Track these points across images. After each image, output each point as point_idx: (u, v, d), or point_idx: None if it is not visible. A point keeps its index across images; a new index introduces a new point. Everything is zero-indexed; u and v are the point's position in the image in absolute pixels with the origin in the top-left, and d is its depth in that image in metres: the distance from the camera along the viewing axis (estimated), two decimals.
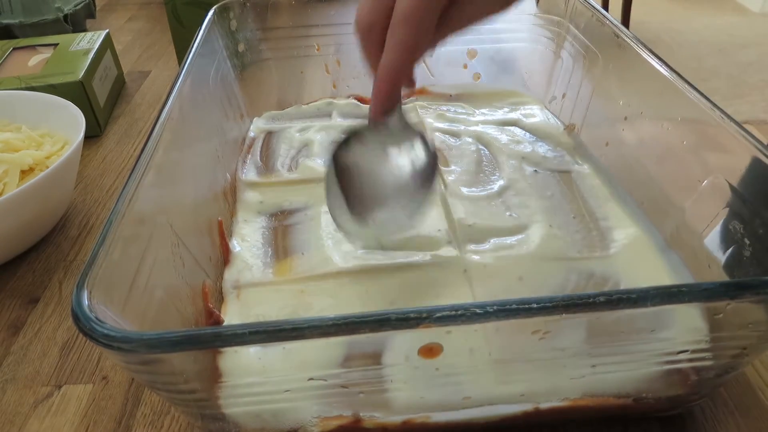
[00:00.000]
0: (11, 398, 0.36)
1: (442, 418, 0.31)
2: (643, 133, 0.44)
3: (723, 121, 0.35)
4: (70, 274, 0.46)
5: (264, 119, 0.58)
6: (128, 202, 0.30)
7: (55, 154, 0.49)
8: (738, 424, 0.33)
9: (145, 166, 0.33)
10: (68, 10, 0.82)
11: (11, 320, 0.42)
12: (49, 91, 0.55)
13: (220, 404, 0.28)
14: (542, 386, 0.30)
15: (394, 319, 0.23)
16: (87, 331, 0.23)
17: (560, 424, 0.33)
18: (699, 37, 2.21)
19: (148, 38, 0.87)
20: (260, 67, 0.59)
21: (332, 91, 0.61)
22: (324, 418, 0.30)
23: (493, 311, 0.23)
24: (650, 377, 0.30)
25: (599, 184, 0.46)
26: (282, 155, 0.52)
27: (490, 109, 0.58)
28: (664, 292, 0.24)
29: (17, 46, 0.68)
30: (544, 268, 0.38)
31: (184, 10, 0.69)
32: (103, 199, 0.54)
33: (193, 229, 0.38)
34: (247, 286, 0.39)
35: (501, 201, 0.45)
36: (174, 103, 0.39)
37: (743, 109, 0.59)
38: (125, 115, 0.67)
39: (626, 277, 0.38)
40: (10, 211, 0.42)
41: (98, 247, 0.27)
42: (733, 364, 0.29)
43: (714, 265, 0.35)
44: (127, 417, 0.35)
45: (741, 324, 0.27)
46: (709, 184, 0.36)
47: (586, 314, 0.24)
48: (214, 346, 0.25)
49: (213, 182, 0.45)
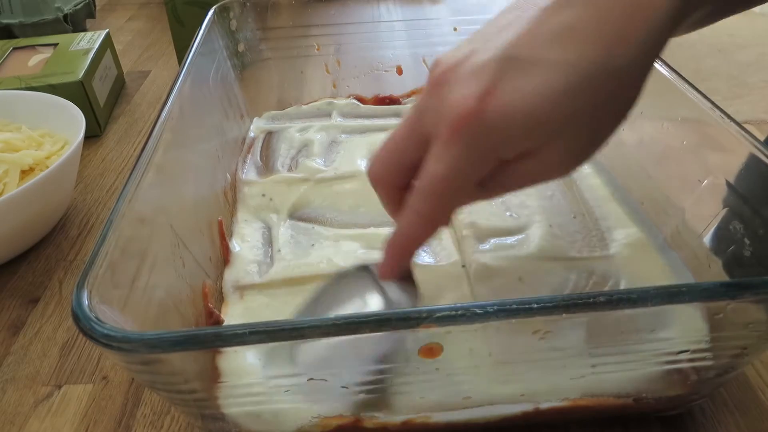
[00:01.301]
0: (11, 398, 0.36)
1: (442, 418, 0.31)
2: (643, 133, 0.44)
3: (723, 121, 0.35)
4: (70, 274, 0.45)
5: (264, 119, 0.58)
6: (128, 202, 0.30)
7: (55, 154, 0.49)
8: (738, 424, 0.33)
9: (145, 166, 0.33)
10: (68, 10, 0.82)
11: (11, 320, 0.42)
12: (49, 91, 0.55)
13: (220, 404, 0.28)
14: (542, 386, 0.30)
15: (394, 319, 0.23)
16: (87, 331, 0.23)
17: (560, 424, 0.33)
18: (698, 37, 2.21)
19: (148, 38, 0.87)
20: (260, 67, 0.58)
21: (332, 91, 0.61)
22: (324, 418, 0.30)
23: (493, 311, 0.23)
24: (650, 377, 0.30)
25: (599, 184, 0.46)
26: (282, 155, 0.52)
27: None
28: (664, 292, 0.24)
29: (17, 46, 0.68)
30: (544, 268, 0.38)
31: (184, 10, 0.69)
32: (103, 199, 0.54)
33: (193, 229, 0.38)
34: (247, 287, 0.39)
35: (501, 201, 0.44)
36: (174, 103, 0.39)
37: (743, 109, 0.60)
38: (125, 115, 0.67)
39: (626, 277, 0.38)
40: (10, 211, 0.42)
41: (98, 247, 0.27)
42: (733, 364, 0.29)
43: (714, 265, 0.35)
44: (127, 417, 0.35)
45: (741, 324, 0.27)
46: (709, 184, 0.36)
47: (586, 314, 0.24)
48: (214, 346, 0.25)
49: (213, 182, 0.45)
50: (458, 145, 0.25)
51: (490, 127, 0.24)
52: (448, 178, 0.25)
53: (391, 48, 0.60)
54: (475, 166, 0.25)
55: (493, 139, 0.25)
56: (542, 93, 0.24)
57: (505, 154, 0.25)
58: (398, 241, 0.29)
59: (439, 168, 0.25)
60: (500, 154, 0.25)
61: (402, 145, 0.27)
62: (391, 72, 0.60)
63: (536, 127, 0.24)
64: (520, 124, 0.24)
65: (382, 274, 0.30)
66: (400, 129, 0.28)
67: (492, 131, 0.24)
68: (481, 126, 0.24)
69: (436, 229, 0.28)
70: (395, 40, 0.60)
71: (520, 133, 0.24)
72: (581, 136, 0.25)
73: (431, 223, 0.27)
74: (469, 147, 0.25)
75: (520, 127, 0.24)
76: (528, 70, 0.24)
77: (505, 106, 0.24)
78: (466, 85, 0.25)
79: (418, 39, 0.60)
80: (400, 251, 0.29)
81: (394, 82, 0.60)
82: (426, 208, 0.26)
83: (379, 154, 0.28)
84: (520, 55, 0.24)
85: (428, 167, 0.26)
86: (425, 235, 0.28)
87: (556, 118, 0.24)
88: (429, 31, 0.61)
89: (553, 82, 0.24)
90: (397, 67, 0.60)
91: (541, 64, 0.24)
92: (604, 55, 0.24)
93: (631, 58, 0.24)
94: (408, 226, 0.28)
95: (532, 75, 0.24)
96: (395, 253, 0.29)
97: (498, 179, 0.26)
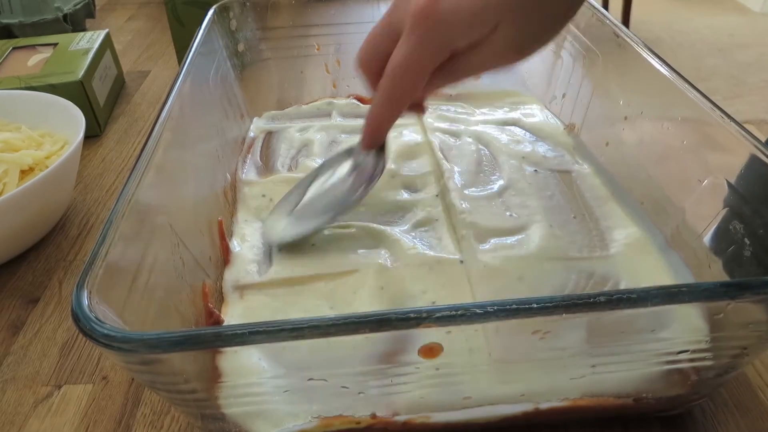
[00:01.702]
0: (11, 398, 0.36)
1: (442, 418, 0.31)
2: (643, 133, 0.44)
3: (723, 121, 0.35)
4: (70, 274, 0.45)
5: (264, 119, 0.58)
6: (128, 201, 0.30)
7: (55, 154, 0.49)
8: (738, 424, 0.33)
9: (145, 165, 0.33)
10: (68, 10, 0.82)
11: (11, 320, 0.42)
12: (49, 90, 0.55)
13: (220, 404, 0.28)
14: (542, 386, 0.30)
15: (394, 319, 0.23)
16: (87, 331, 0.23)
17: (560, 424, 0.33)
18: (699, 37, 2.21)
19: (148, 38, 0.87)
20: (260, 67, 0.58)
21: (332, 90, 0.61)
22: (324, 418, 0.30)
23: (493, 311, 0.23)
24: (650, 377, 0.30)
25: (599, 184, 0.46)
26: (282, 155, 0.52)
27: (490, 109, 0.58)
28: (664, 292, 0.24)
29: (17, 46, 0.68)
30: (544, 268, 0.38)
31: (184, 10, 0.69)
32: (103, 199, 0.54)
33: (193, 228, 0.38)
34: (247, 286, 0.39)
35: (501, 201, 0.45)
36: (174, 103, 0.39)
37: (743, 109, 0.59)
38: (125, 114, 0.67)
39: (626, 277, 0.38)
40: (10, 211, 0.42)
41: (98, 247, 0.27)
42: (733, 364, 0.29)
43: (714, 265, 0.35)
44: (127, 417, 0.35)
45: (741, 324, 0.27)
46: (709, 184, 0.36)
47: (586, 314, 0.24)
48: (214, 346, 0.25)
49: (213, 182, 0.45)
50: (416, 34, 0.30)
51: (441, 19, 0.29)
52: (407, 62, 0.30)
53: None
54: (430, 54, 0.30)
55: (444, 30, 0.29)
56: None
57: (455, 43, 0.30)
58: (371, 117, 0.35)
59: (400, 54, 0.30)
60: (452, 43, 0.30)
61: (378, 37, 0.33)
62: None
63: (477, 18, 0.29)
64: (465, 16, 0.29)
65: (363, 145, 0.37)
66: (378, 24, 0.33)
67: (443, 23, 0.29)
68: (434, 19, 0.29)
69: (401, 108, 0.33)
70: None
71: (466, 23, 0.29)
72: (517, 25, 0.29)
73: (397, 102, 0.32)
74: (424, 36, 0.30)
75: (465, 19, 0.29)
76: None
77: (453, 2, 0.29)
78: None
79: None
80: (374, 125, 0.35)
81: None
82: (391, 88, 0.31)
83: (363, 45, 0.34)
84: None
85: (393, 54, 0.31)
86: (392, 113, 0.33)
87: (492, 10, 0.28)
88: None
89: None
90: None
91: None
92: None
93: None
94: (379, 104, 0.33)
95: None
96: (370, 127, 0.35)
97: (452, 68, 0.31)
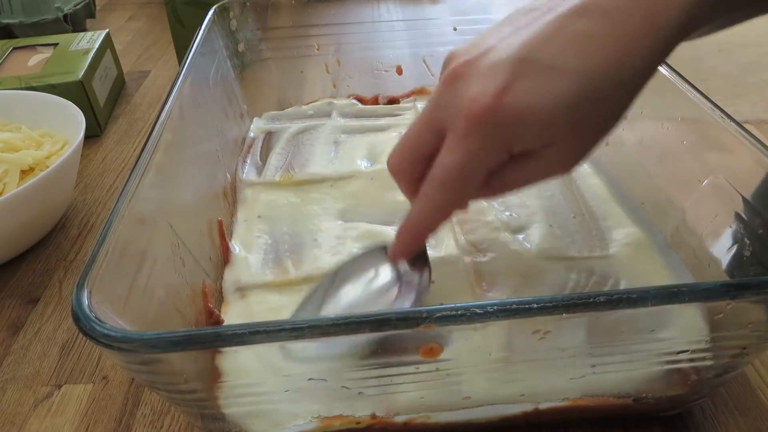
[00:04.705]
0: (11, 398, 0.36)
1: (442, 418, 0.31)
2: (643, 133, 0.44)
3: (723, 121, 0.35)
4: (70, 274, 0.45)
5: (264, 119, 0.58)
6: (128, 202, 0.30)
7: (55, 154, 0.49)
8: (738, 424, 0.33)
9: (145, 166, 0.33)
10: (68, 10, 0.82)
11: (11, 320, 0.42)
12: (49, 90, 0.55)
13: (220, 404, 0.28)
14: (542, 386, 0.30)
15: (394, 319, 0.23)
16: (87, 331, 0.23)
17: (560, 424, 0.33)
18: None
19: (148, 38, 0.87)
20: (260, 67, 0.58)
21: (332, 91, 0.61)
22: (324, 418, 0.30)
23: (493, 311, 0.23)
24: (650, 377, 0.30)
25: (599, 184, 0.46)
26: (278, 153, 0.52)
27: None
28: (664, 292, 0.24)
29: (17, 46, 0.68)
30: (544, 268, 0.38)
31: (184, 10, 0.69)
32: (103, 199, 0.54)
33: (193, 229, 0.38)
34: (247, 286, 0.39)
35: (501, 201, 0.44)
36: (174, 103, 0.39)
37: (743, 109, 0.59)
38: (125, 115, 0.67)
39: (626, 277, 0.38)
40: (10, 211, 0.42)
41: (98, 247, 0.27)
42: (733, 364, 0.29)
43: (714, 265, 0.35)
44: (127, 417, 0.35)
45: (741, 324, 0.27)
46: (709, 184, 0.36)
47: (586, 314, 0.24)
48: (214, 346, 0.25)
49: (213, 182, 0.45)
50: (473, 138, 0.26)
51: (503, 123, 0.25)
52: (460, 168, 0.26)
53: (391, 48, 0.60)
54: (486, 159, 0.27)
55: (505, 135, 0.26)
56: (555, 97, 0.25)
57: (513, 150, 0.26)
58: (410, 226, 0.30)
59: (452, 158, 0.27)
60: (510, 149, 0.26)
61: (418, 137, 0.29)
62: (391, 72, 0.60)
63: (546, 128, 0.25)
64: (532, 123, 0.25)
65: (392, 254, 0.32)
66: (417, 122, 0.29)
67: (505, 127, 0.25)
68: (495, 121, 0.25)
69: (446, 217, 0.29)
70: (395, 40, 0.60)
71: (531, 131, 0.26)
72: (583, 138, 0.27)
73: (442, 210, 0.29)
74: (482, 140, 0.26)
75: (532, 126, 0.25)
76: (543, 72, 0.25)
77: (519, 104, 0.25)
78: (482, 82, 0.26)
79: (418, 39, 0.60)
80: (411, 235, 0.31)
81: (394, 82, 0.60)
82: (438, 195, 0.28)
83: (398, 145, 0.30)
84: (537, 57, 0.25)
85: (442, 158, 0.27)
86: (436, 222, 0.30)
87: (564, 121, 0.25)
88: (429, 31, 0.61)
89: (566, 87, 0.25)
90: (397, 67, 0.60)
91: (556, 69, 0.25)
92: (616, 67, 0.25)
93: (639, 69, 0.25)
94: (420, 212, 0.29)
95: (547, 78, 0.25)
96: (407, 236, 0.31)
97: (502, 176, 0.28)
